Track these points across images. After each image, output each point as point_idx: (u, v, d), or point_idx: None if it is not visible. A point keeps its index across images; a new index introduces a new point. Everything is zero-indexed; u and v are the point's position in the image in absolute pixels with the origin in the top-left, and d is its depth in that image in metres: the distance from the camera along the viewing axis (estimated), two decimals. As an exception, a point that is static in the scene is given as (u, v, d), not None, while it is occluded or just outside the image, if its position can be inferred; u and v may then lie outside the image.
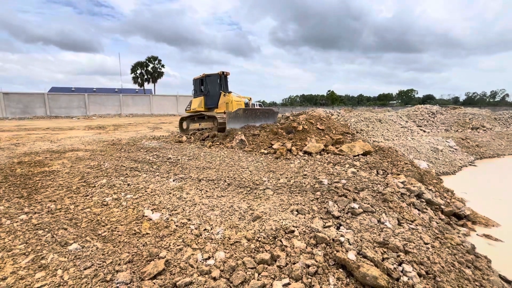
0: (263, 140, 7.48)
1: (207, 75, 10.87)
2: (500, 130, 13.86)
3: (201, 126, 10.52)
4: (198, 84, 11.28)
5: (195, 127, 10.81)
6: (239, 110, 8.84)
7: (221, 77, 10.91)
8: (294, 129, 7.75)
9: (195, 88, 11.55)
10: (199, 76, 11.24)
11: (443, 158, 9.04)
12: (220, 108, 10.58)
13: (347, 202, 3.30)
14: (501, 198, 5.90)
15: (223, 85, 11.00)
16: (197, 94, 11.43)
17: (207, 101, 10.90)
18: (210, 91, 10.89)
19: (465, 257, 2.94)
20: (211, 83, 10.94)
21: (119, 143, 7.89)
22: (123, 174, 4.72)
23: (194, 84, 11.54)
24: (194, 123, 10.94)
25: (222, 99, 10.54)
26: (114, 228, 2.89)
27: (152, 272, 2.10)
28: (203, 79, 10.95)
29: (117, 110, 25.49)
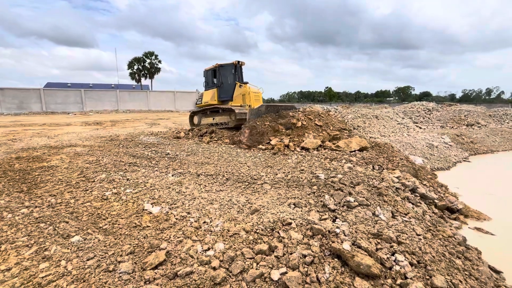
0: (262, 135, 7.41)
1: (221, 65, 10.08)
2: (494, 127, 14.05)
3: (215, 120, 9.86)
4: (210, 76, 10.47)
5: (208, 121, 10.18)
6: (262, 107, 8.08)
7: (236, 67, 10.06)
8: (293, 125, 7.67)
9: (207, 80, 10.75)
10: (211, 66, 10.44)
11: (438, 154, 9.17)
12: (236, 101, 9.77)
13: (343, 195, 3.39)
14: (494, 193, 6.04)
15: (238, 75, 10.14)
16: (209, 86, 10.67)
17: (220, 94, 10.11)
18: (224, 83, 10.12)
19: (456, 248, 3.04)
20: (225, 74, 10.17)
21: (117, 139, 7.90)
22: (122, 169, 4.76)
23: (206, 75, 10.76)
24: (207, 117, 10.29)
25: (237, 91, 9.74)
26: (115, 221, 2.94)
27: (154, 263, 2.17)
28: (215, 69, 10.14)
29: (114, 106, 25.34)
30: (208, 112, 10.23)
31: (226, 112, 9.35)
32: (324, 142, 6.80)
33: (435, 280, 2.16)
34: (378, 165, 5.31)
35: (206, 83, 10.80)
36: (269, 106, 8.25)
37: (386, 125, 12.26)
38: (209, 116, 10.18)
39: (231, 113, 9.00)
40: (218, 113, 9.75)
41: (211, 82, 10.43)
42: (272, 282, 1.99)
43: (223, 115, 9.52)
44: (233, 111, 8.73)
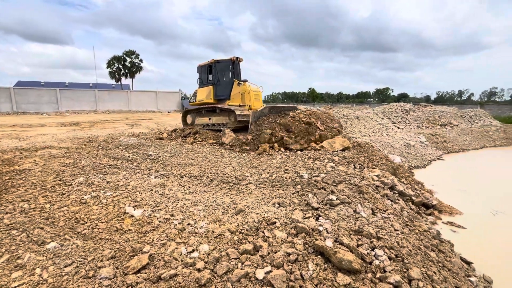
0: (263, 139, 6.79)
1: (217, 61, 9.36)
2: (465, 127, 14.94)
3: (212, 121, 9.12)
4: (206, 72, 9.70)
5: (204, 121, 9.48)
6: (265, 109, 7.69)
7: (234, 63, 9.37)
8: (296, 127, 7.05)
9: (201, 76, 9.98)
10: (206, 62, 9.68)
11: (415, 153, 9.62)
12: (234, 100, 9.11)
13: (326, 194, 3.47)
14: (465, 189, 6.43)
15: (236, 73, 9.47)
16: (203, 83, 9.90)
17: (217, 92, 9.40)
18: (221, 80, 9.43)
19: (430, 242, 3.21)
20: (222, 70, 9.51)
21: (96, 140, 7.61)
22: (102, 172, 4.59)
23: (200, 71, 9.99)
24: (202, 117, 9.59)
25: (236, 89, 9.10)
26: (94, 225, 2.84)
27: (136, 267, 2.11)
28: (211, 65, 9.41)
29: (93, 106, 24.34)
30: (203, 111, 9.55)
31: (224, 113, 8.64)
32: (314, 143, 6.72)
33: (411, 273, 2.27)
34: (359, 164, 5.49)
35: (200, 80, 10.05)
36: (272, 108, 7.92)
37: (366, 125, 12.68)
38: (205, 116, 9.48)
39: (230, 114, 8.35)
40: (215, 113, 9.05)
41: (206, 79, 9.74)
42: (257, 281, 2.01)
43: (221, 115, 8.80)
44: (232, 112, 8.07)
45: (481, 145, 12.64)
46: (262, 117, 7.55)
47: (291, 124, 7.13)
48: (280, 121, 7.26)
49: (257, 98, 9.17)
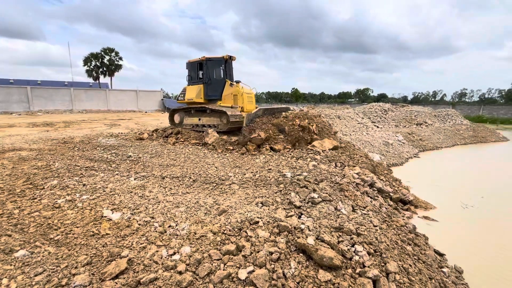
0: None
1: (208, 59, 8.89)
2: (439, 126, 15.75)
3: (202, 121, 8.75)
4: (196, 69, 9.22)
5: (193, 121, 9.07)
6: (259, 111, 7.50)
7: (226, 62, 8.99)
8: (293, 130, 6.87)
9: (191, 73, 9.45)
10: (196, 59, 9.18)
11: (393, 151, 10.01)
12: (225, 101, 8.80)
13: (308, 192, 3.52)
14: (439, 184, 6.78)
15: (229, 72, 9.13)
16: (193, 81, 9.39)
17: (208, 91, 8.95)
18: (212, 79, 8.99)
19: (407, 236, 3.35)
20: (214, 69, 9.10)
21: (71, 141, 7.25)
22: (78, 174, 4.38)
23: (190, 68, 9.47)
24: (191, 117, 9.17)
25: (228, 90, 8.78)
26: (68, 231, 2.70)
27: (114, 272, 2.03)
28: (202, 63, 8.92)
29: (68, 105, 23.16)
30: (192, 111, 9.12)
31: (216, 114, 8.29)
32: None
33: (389, 266, 2.35)
34: (340, 163, 5.62)
35: (189, 77, 9.52)
36: (266, 110, 7.79)
37: (347, 124, 13.03)
38: (194, 116, 9.07)
39: (222, 116, 8.02)
40: (206, 114, 8.66)
41: (197, 76, 9.25)
42: (239, 281, 2.00)
43: (212, 116, 8.44)
44: (225, 114, 7.76)
45: (453, 143, 13.39)
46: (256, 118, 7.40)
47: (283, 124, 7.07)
48: (273, 121, 7.23)
49: (250, 100, 8.81)
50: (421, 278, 2.47)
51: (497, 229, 4.46)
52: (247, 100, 8.55)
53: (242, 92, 8.52)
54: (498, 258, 3.61)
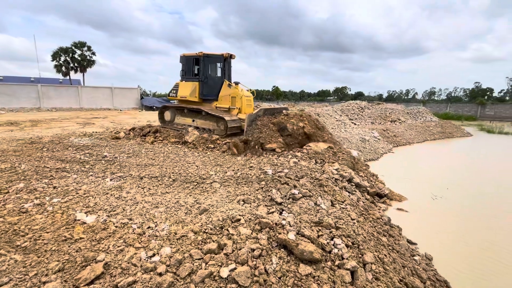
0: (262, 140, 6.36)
1: (206, 55, 8.20)
2: (411, 123, 16.61)
3: (196, 123, 8.15)
4: (191, 64, 8.52)
5: (186, 122, 8.47)
6: (260, 111, 7.15)
7: (226, 60, 8.44)
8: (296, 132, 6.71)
9: (185, 68, 8.73)
10: (192, 53, 8.45)
11: (369, 147, 10.42)
12: (222, 102, 8.26)
13: (289, 189, 3.58)
14: (411, 178, 7.16)
15: (227, 71, 8.59)
16: (186, 76, 8.70)
17: (203, 90, 8.33)
18: (209, 77, 8.38)
19: (382, 228, 3.52)
20: (211, 66, 8.51)
21: (39, 142, 6.79)
22: (47, 176, 4.12)
23: (184, 62, 8.73)
24: (184, 116, 8.58)
25: (225, 90, 8.22)
26: (37, 237, 2.54)
27: (89, 277, 1.94)
28: (199, 59, 8.24)
29: (35, 103, 21.62)
30: (185, 110, 8.53)
31: (212, 118, 7.74)
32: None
33: (366, 257, 2.46)
34: (320, 159, 5.76)
35: (183, 72, 8.81)
36: (266, 110, 7.48)
37: (326, 122, 13.35)
38: (187, 116, 8.49)
39: (219, 121, 7.52)
40: (200, 115, 8.07)
41: (192, 72, 8.57)
42: (221, 279, 1.99)
43: (208, 120, 7.86)
44: (222, 119, 7.31)
45: (424, 138, 14.20)
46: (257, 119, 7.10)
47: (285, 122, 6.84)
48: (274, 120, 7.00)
49: (249, 104, 8.20)
50: (395, 267, 2.61)
51: (462, 217, 4.81)
52: (246, 104, 8.02)
53: (242, 95, 7.99)
54: (463, 244, 3.90)
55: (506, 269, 3.33)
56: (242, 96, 7.97)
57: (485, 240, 4.01)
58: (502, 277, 3.16)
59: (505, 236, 4.14)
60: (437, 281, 2.84)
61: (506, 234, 4.19)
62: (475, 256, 3.60)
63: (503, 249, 3.77)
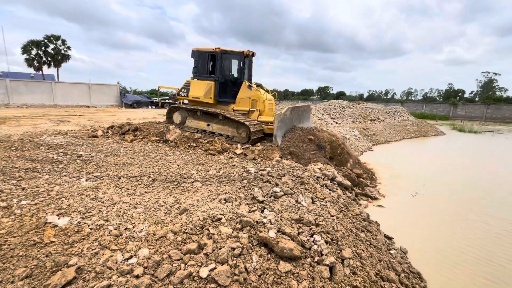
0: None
1: (224, 51, 7.30)
2: (389, 122, 17.26)
3: (212, 128, 7.22)
4: (205, 61, 7.56)
5: (199, 126, 7.49)
6: (287, 111, 6.50)
7: (246, 58, 7.55)
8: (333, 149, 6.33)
9: (198, 65, 7.71)
10: (209, 48, 7.48)
11: (350, 144, 10.71)
12: (241, 105, 7.33)
13: (271, 187, 3.60)
14: (391, 174, 7.45)
15: (247, 71, 7.75)
16: (200, 74, 7.72)
17: (220, 91, 7.52)
18: (226, 77, 7.62)
19: (361, 224, 3.62)
20: (229, 65, 7.75)
21: (7, 140, 6.37)
22: (15, 177, 3.87)
23: (198, 58, 7.70)
24: (197, 120, 7.59)
25: (245, 92, 7.27)
26: (3, 241, 2.37)
27: (59, 283, 1.85)
28: (216, 55, 7.33)
29: (3, 99, 20.23)
30: (199, 113, 7.56)
31: (231, 123, 6.84)
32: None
33: (344, 253, 2.52)
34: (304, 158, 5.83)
35: (196, 69, 7.80)
36: (293, 109, 6.89)
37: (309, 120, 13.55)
38: (201, 120, 7.51)
39: (240, 127, 6.68)
40: (217, 119, 7.14)
41: (206, 70, 7.61)
42: (201, 279, 1.97)
43: (226, 125, 6.95)
44: (244, 125, 6.51)
45: (401, 137, 14.81)
46: (291, 131, 6.61)
47: (326, 144, 6.53)
48: (311, 137, 6.50)
49: (271, 108, 7.49)
50: (372, 261, 2.70)
51: (436, 211, 5.06)
52: (268, 108, 7.30)
53: (264, 99, 7.21)
54: (437, 237, 4.11)
55: (476, 260, 3.55)
56: (265, 100, 7.24)
57: (458, 233, 4.26)
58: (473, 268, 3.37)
59: (477, 229, 4.42)
60: (411, 273, 2.97)
61: (477, 227, 4.47)
62: (448, 248, 3.82)
63: (474, 242, 4.02)
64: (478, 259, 3.56)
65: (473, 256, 3.63)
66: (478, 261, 3.51)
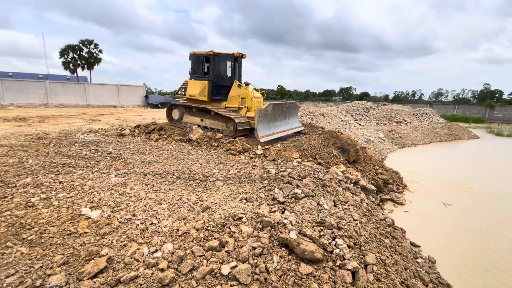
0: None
1: (217, 54, 8.11)
2: (417, 124, 16.43)
3: (205, 123, 8.10)
4: (201, 62, 8.43)
5: (194, 121, 8.41)
6: (269, 107, 7.04)
7: (236, 60, 8.39)
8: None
9: (194, 66, 8.63)
10: (203, 51, 8.36)
11: (374, 147, 10.34)
12: (232, 102, 8.15)
13: (291, 188, 3.58)
14: (416, 179, 7.09)
15: (237, 71, 8.51)
16: (196, 75, 8.60)
17: (213, 90, 8.27)
18: (218, 77, 8.35)
19: (385, 230, 3.50)
20: (221, 65, 8.50)
21: (46, 137, 6.90)
22: (54, 171, 4.19)
23: (194, 60, 8.63)
24: (193, 116, 8.50)
25: (235, 91, 8.11)
26: (43, 230, 2.58)
27: (92, 271, 1.98)
28: (209, 57, 8.14)
29: (43, 99, 21.95)
30: (194, 109, 8.39)
31: (221, 118, 7.65)
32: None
33: (367, 258, 2.45)
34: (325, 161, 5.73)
35: (192, 70, 8.70)
36: (275, 105, 7.39)
37: (331, 122, 13.29)
38: (196, 116, 8.40)
39: (228, 121, 7.50)
40: (209, 115, 7.96)
41: (201, 71, 8.46)
42: (222, 276, 2.01)
43: (217, 120, 7.80)
44: (231, 120, 7.27)
45: (430, 140, 14.04)
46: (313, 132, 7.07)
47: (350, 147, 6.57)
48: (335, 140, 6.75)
49: (259, 105, 8.02)
50: (397, 269, 2.59)
51: (468, 222, 4.74)
52: (255, 105, 7.86)
53: (252, 96, 7.86)
54: (468, 248, 3.85)
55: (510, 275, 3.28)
56: (252, 98, 7.82)
57: (491, 250, 3.96)
58: (506, 283, 3.12)
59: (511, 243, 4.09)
60: (440, 284, 2.81)
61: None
62: (480, 261, 3.56)
63: (509, 255, 3.72)
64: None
65: (507, 277, 3.35)
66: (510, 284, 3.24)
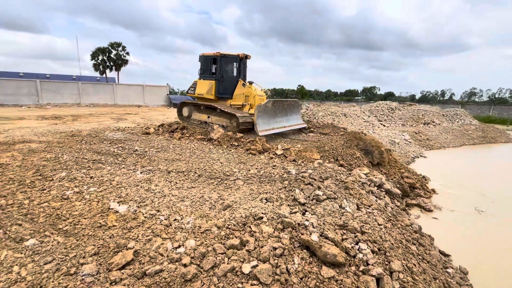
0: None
1: (223, 55, 8.67)
2: (446, 126, 15.48)
3: (211, 120, 8.69)
4: (209, 63, 9.02)
5: (202, 118, 9.05)
6: (268, 103, 7.50)
7: (241, 60, 8.89)
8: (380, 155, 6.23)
9: (203, 67, 9.25)
10: (210, 53, 8.95)
11: (399, 150, 9.89)
12: (236, 100, 8.71)
13: (313, 189, 3.52)
14: (448, 185, 6.69)
15: (242, 71, 9.02)
16: (204, 75, 9.21)
17: (219, 88, 8.79)
18: (225, 77, 8.85)
19: (412, 236, 3.33)
20: (227, 66, 9.01)
21: (79, 135, 7.36)
22: (85, 167, 4.46)
23: (203, 62, 9.27)
24: (200, 113, 9.16)
25: (239, 89, 8.67)
26: (76, 222, 2.76)
27: (120, 263, 2.08)
28: (216, 58, 8.71)
29: (76, 99, 23.45)
30: (202, 107, 9.07)
31: (226, 115, 8.21)
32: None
33: (393, 265, 2.35)
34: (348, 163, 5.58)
35: (201, 71, 9.33)
36: (275, 102, 7.81)
37: (353, 122, 12.91)
38: (203, 113, 9.05)
39: (232, 118, 8.03)
40: (215, 112, 8.56)
41: (209, 72, 9.05)
42: (243, 275, 2.02)
43: (222, 116, 8.37)
44: (234, 116, 7.76)
45: (461, 143, 13.17)
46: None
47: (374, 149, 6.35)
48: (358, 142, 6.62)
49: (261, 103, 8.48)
50: (425, 278, 2.46)
51: (504, 232, 4.40)
52: (258, 103, 8.17)
53: (255, 94, 8.33)
54: (504, 261, 3.57)
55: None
56: (255, 96, 8.28)
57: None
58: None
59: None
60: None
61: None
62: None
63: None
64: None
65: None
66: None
